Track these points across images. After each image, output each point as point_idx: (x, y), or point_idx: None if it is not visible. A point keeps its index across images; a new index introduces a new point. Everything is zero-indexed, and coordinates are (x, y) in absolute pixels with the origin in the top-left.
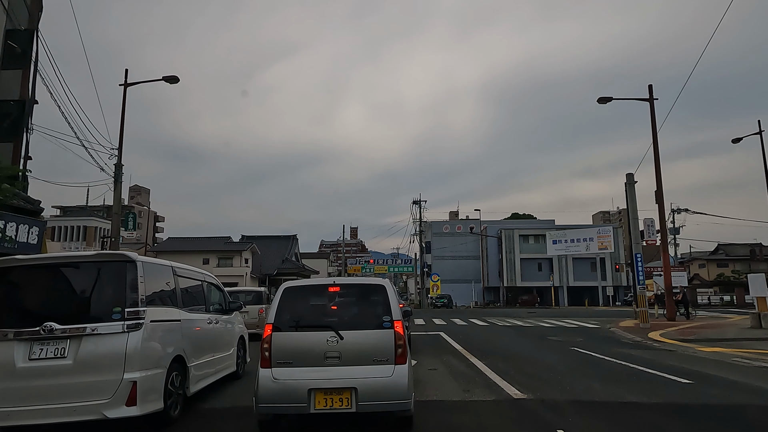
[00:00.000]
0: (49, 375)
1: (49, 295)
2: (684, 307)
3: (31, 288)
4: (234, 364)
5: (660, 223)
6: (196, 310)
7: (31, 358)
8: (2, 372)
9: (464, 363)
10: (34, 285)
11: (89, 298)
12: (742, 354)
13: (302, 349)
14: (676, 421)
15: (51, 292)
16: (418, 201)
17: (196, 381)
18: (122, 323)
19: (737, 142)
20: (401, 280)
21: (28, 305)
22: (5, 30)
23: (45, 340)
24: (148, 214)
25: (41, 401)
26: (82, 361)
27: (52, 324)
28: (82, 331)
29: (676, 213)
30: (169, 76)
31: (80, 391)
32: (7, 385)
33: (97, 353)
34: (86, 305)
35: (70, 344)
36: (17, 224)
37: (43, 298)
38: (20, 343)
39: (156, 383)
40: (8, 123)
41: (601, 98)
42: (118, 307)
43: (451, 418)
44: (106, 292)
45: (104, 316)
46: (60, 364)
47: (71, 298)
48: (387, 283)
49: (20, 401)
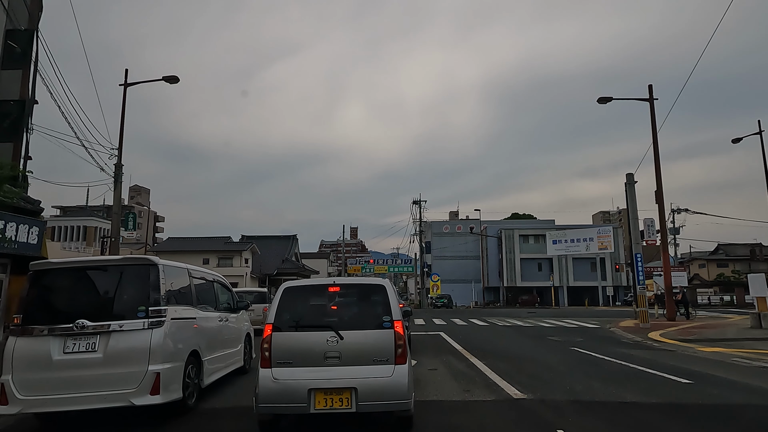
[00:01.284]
0: (82, 367)
1: (81, 294)
2: (684, 307)
3: (64, 288)
4: (242, 360)
5: (660, 223)
6: (208, 309)
7: (65, 351)
8: (40, 364)
9: (464, 363)
10: (66, 286)
11: (116, 298)
12: (742, 354)
13: (302, 349)
14: (676, 421)
15: (82, 292)
16: (418, 201)
17: (209, 374)
18: (146, 320)
19: (737, 142)
20: (401, 280)
21: (62, 304)
22: (5, 30)
23: (77, 336)
24: (148, 214)
25: (75, 390)
26: (111, 354)
27: (83, 321)
28: (110, 328)
29: (676, 213)
30: (169, 76)
31: (110, 381)
32: (45, 375)
33: (124, 347)
34: (114, 304)
35: (99, 339)
36: (17, 224)
37: (76, 297)
38: (55, 338)
39: (176, 375)
40: (8, 123)
41: (601, 98)
42: (142, 306)
43: (451, 418)
44: (131, 292)
45: (130, 314)
46: (91, 357)
47: (100, 298)
48: (387, 283)
49: (56, 390)
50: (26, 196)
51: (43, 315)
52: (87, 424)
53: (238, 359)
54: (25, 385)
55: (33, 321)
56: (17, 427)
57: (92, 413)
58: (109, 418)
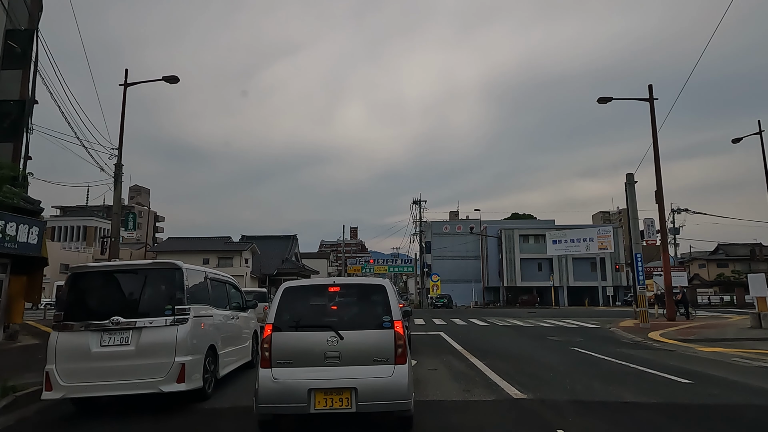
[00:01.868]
0: (117, 358)
1: (115, 294)
2: (684, 307)
3: (99, 289)
4: (250, 354)
5: (660, 223)
6: (222, 308)
7: (102, 344)
8: (80, 355)
9: (464, 363)
10: (102, 286)
11: (146, 297)
12: (742, 354)
13: (302, 349)
14: (676, 421)
15: (116, 292)
16: (418, 201)
17: (224, 366)
18: (173, 318)
19: (737, 142)
20: (401, 280)
21: (98, 303)
22: (5, 30)
23: (113, 331)
24: (148, 214)
25: (111, 378)
26: (142, 347)
27: (118, 318)
28: (141, 324)
29: (676, 213)
30: (169, 76)
31: (141, 371)
32: (84, 365)
33: (154, 341)
34: (144, 303)
35: (132, 334)
36: (17, 224)
37: (110, 297)
38: (93, 333)
39: (197, 366)
40: (8, 123)
41: (600, 98)
42: (169, 305)
43: (451, 418)
44: (159, 293)
45: (158, 312)
46: (125, 350)
47: (132, 297)
48: (387, 283)
49: (94, 378)
50: (26, 196)
51: (82, 312)
52: (93, 417)
53: (247, 354)
54: (67, 373)
55: (72, 318)
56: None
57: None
58: (112, 416)
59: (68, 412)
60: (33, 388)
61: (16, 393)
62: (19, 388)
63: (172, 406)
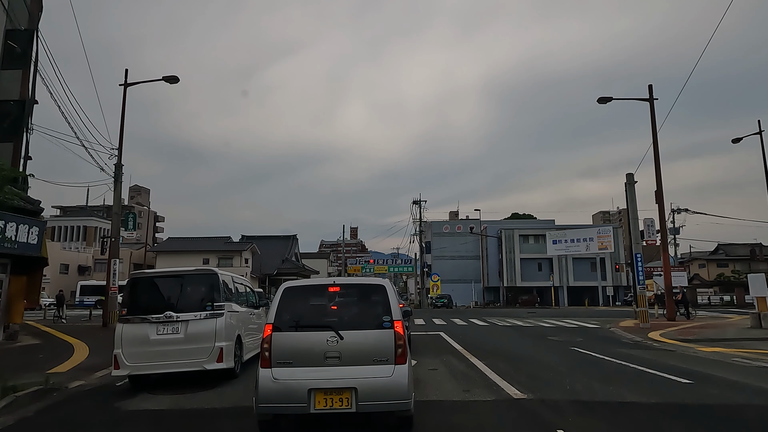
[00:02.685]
0: (170, 344)
1: (168, 294)
2: (684, 307)
3: (156, 290)
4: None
5: (660, 223)
6: (242, 305)
7: (158, 333)
8: (140, 342)
9: (464, 363)
10: (158, 288)
11: (192, 297)
12: (742, 354)
13: (302, 349)
14: (676, 421)
15: (167, 292)
16: (418, 201)
17: (247, 352)
18: (213, 312)
19: (737, 142)
20: (401, 280)
21: (155, 301)
22: (5, 30)
23: (166, 323)
24: (148, 214)
25: (165, 359)
26: (190, 335)
27: (170, 313)
28: (188, 317)
29: (676, 213)
30: (169, 76)
31: (189, 353)
32: (144, 349)
33: (198, 330)
34: (190, 301)
35: (181, 325)
36: (17, 224)
37: (163, 296)
38: (152, 324)
39: (231, 350)
40: (8, 123)
41: (600, 98)
42: (209, 303)
43: (451, 418)
44: (201, 293)
45: (201, 308)
46: (176, 337)
47: (181, 297)
48: (387, 283)
49: (153, 359)
50: (26, 196)
51: (143, 308)
52: (92, 418)
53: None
54: (130, 356)
55: (134, 313)
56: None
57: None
58: (112, 419)
59: (68, 412)
60: (33, 388)
61: (17, 393)
62: (19, 388)
63: (172, 407)
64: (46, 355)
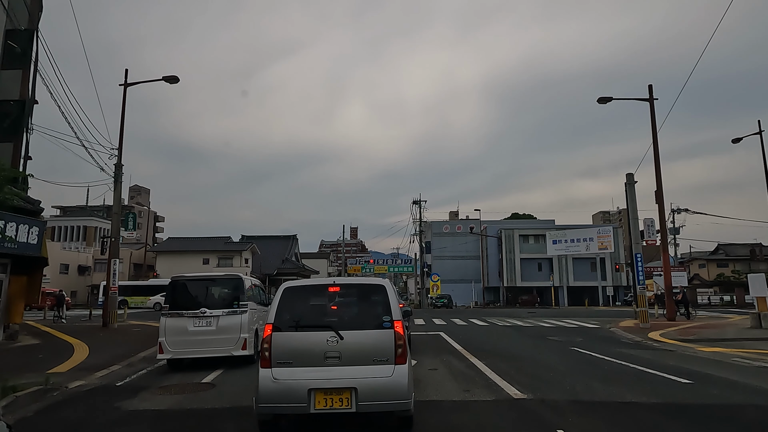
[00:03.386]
0: (204, 334)
1: (202, 294)
2: (684, 307)
3: (193, 291)
4: None
5: (660, 223)
6: (257, 304)
7: (194, 326)
8: (180, 332)
9: (464, 363)
10: (194, 289)
11: (221, 296)
12: (742, 354)
13: (302, 349)
14: (676, 421)
15: (202, 292)
16: (418, 201)
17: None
18: (239, 309)
19: (737, 142)
20: (401, 280)
21: (192, 299)
22: (5, 30)
23: (201, 317)
24: (148, 214)
25: (200, 347)
26: (220, 327)
27: (205, 309)
28: (219, 313)
29: (676, 213)
30: (168, 76)
31: (219, 342)
32: (183, 338)
33: (227, 324)
34: (220, 299)
35: (213, 319)
36: (17, 224)
37: (199, 295)
38: (189, 318)
39: (252, 340)
40: (8, 123)
41: (600, 98)
42: (235, 301)
43: (451, 418)
44: (229, 293)
45: (229, 305)
46: (209, 329)
47: (213, 296)
48: (387, 283)
49: (190, 346)
50: (26, 196)
51: (181, 305)
52: (91, 419)
53: None
54: (172, 343)
55: (175, 309)
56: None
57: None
58: (113, 419)
59: (67, 412)
60: (33, 388)
61: (17, 393)
62: (19, 388)
63: (172, 407)
64: (46, 355)
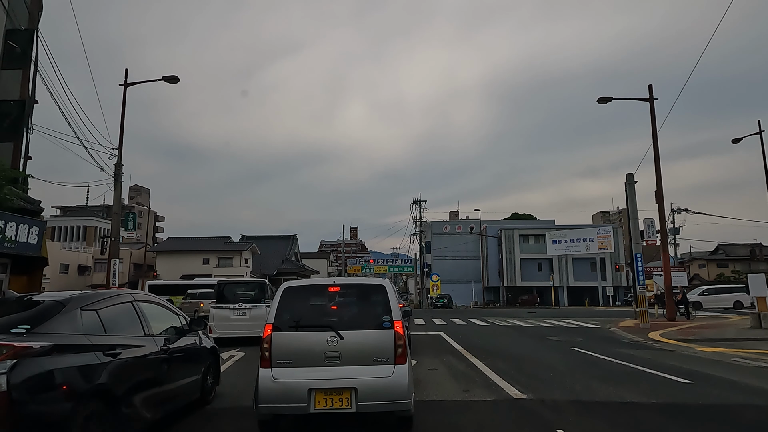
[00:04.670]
0: (241, 320)
1: (240, 292)
2: (684, 307)
3: (233, 290)
4: None
5: (660, 223)
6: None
7: (234, 315)
8: (224, 318)
9: (464, 363)
10: (233, 289)
11: (253, 294)
12: (742, 354)
13: (302, 349)
14: (677, 421)
15: (241, 291)
16: (418, 201)
17: None
18: (263, 304)
19: (737, 142)
20: (401, 280)
21: (233, 295)
22: (5, 30)
23: (239, 309)
24: (148, 214)
25: (238, 330)
26: (252, 316)
27: (242, 303)
28: (251, 306)
29: (676, 213)
30: (169, 76)
31: (252, 327)
32: (227, 323)
33: (257, 314)
34: (251, 296)
35: (247, 311)
36: (17, 224)
37: (237, 293)
38: (230, 309)
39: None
40: (8, 123)
41: (601, 98)
42: (262, 298)
43: (451, 418)
44: (258, 292)
45: (258, 301)
46: (245, 317)
47: (247, 294)
48: (387, 283)
49: (231, 329)
50: (26, 196)
51: (225, 300)
52: None
53: None
54: (219, 326)
55: (220, 303)
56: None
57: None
58: None
59: None
60: None
61: None
62: None
63: None
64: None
